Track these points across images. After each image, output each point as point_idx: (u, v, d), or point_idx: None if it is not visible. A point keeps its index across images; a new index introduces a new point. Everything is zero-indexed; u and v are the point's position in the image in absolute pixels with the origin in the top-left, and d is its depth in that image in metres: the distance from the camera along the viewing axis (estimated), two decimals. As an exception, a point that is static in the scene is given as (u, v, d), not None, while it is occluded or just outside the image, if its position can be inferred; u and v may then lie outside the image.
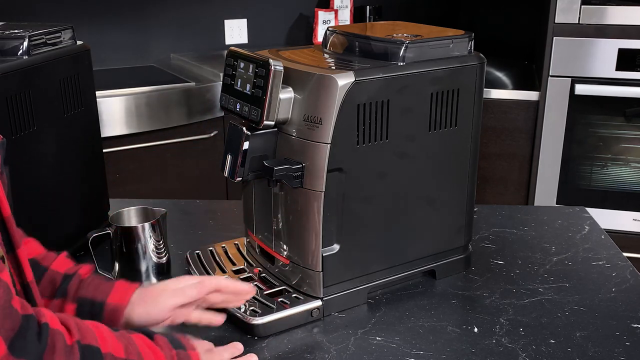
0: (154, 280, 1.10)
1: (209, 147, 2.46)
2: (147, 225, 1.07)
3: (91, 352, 0.65)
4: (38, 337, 0.61)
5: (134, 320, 0.84)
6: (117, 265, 1.11)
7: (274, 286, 1.05)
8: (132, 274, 1.09)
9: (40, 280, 0.84)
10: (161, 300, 0.85)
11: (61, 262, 0.88)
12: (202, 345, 0.85)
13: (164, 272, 1.13)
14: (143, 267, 1.09)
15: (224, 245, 1.20)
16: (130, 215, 1.14)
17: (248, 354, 0.89)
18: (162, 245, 1.11)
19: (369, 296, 1.06)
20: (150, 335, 0.75)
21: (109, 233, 1.08)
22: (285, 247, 1.04)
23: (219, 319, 0.93)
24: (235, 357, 0.89)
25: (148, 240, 1.07)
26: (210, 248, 1.19)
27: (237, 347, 0.90)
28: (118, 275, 1.10)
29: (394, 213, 1.04)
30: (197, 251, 1.18)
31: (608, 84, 2.27)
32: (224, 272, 1.11)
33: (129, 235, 1.07)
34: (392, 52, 0.99)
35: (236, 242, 1.21)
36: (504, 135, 2.45)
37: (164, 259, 1.12)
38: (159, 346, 0.73)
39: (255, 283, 1.06)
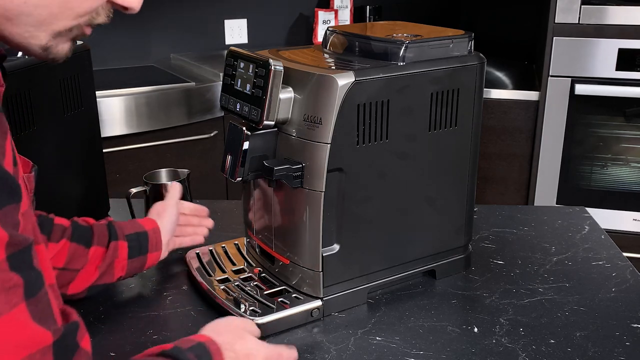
0: None
1: (209, 147, 2.46)
2: (175, 183, 1.22)
3: None
4: None
5: (167, 228, 1.09)
6: None
7: (274, 286, 1.05)
8: None
9: (93, 233, 1.02)
10: (169, 210, 1.12)
11: (88, 219, 1.06)
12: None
13: None
14: None
15: (224, 245, 1.20)
16: (162, 176, 1.31)
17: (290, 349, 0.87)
18: (186, 200, 1.23)
19: (369, 296, 1.06)
20: None
21: (145, 190, 1.25)
22: (285, 247, 1.04)
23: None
24: None
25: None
26: (210, 248, 1.19)
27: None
28: None
29: (394, 213, 1.04)
30: (197, 251, 1.18)
31: (608, 84, 2.27)
32: (223, 272, 1.11)
33: (160, 191, 1.22)
34: (392, 52, 0.99)
35: (236, 242, 1.21)
36: (504, 135, 2.45)
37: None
38: None
39: (255, 283, 1.07)
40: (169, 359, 0.71)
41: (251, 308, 0.98)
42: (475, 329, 0.98)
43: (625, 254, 1.22)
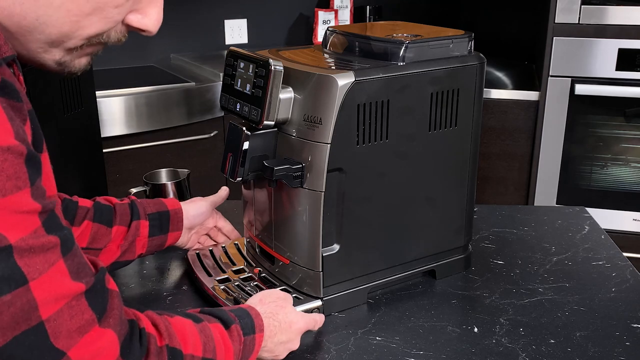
0: None
1: (209, 147, 2.46)
2: (174, 183, 1.27)
3: (175, 353, 0.71)
4: (140, 342, 0.68)
5: (190, 213, 1.13)
6: None
7: (274, 286, 1.05)
8: None
9: (115, 212, 1.05)
10: (200, 203, 1.17)
11: (111, 198, 1.09)
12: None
13: None
14: None
15: (223, 245, 1.20)
16: (162, 176, 1.34)
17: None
18: (186, 200, 1.23)
19: (369, 296, 1.06)
20: (228, 324, 0.80)
21: (145, 190, 1.27)
22: (285, 247, 1.04)
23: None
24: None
25: (175, 195, 1.28)
26: (210, 248, 1.19)
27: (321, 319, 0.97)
28: None
29: (394, 213, 1.04)
30: (197, 251, 1.18)
31: (608, 84, 2.27)
32: (223, 272, 1.11)
33: (160, 191, 1.26)
34: (392, 52, 0.99)
35: (236, 242, 1.21)
36: (504, 135, 2.45)
37: None
38: (232, 338, 0.79)
39: (255, 283, 1.07)
40: (209, 315, 0.80)
41: (251, 308, 0.98)
42: (475, 329, 0.98)
43: (625, 254, 1.22)
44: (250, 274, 1.10)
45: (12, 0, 0.61)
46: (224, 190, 1.23)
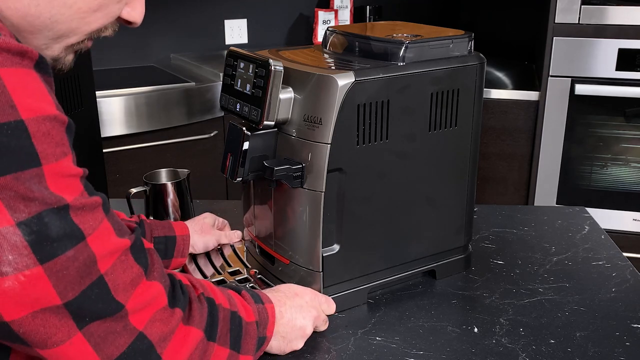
0: None
1: (209, 147, 2.46)
2: (174, 183, 1.27)
3: (211, 302, 0.78)
4: (182, 291, 0.74)
5: (197, 246, 1.15)
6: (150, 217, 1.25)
7: (270, 287, 1.05)
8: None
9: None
10: (209, 237, 1.17)
11: (119, 213, 1.05)
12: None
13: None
14: (172, 216, 1.28)
15: (220, 246, 1.20)
16: (162, 176, 1.34)
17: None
18: (186, 200, 1.29)
19: (369, 296, 1.06)
20: (239, 291, 0.86)
21: (145, 190, 1.27)
22: (285, 247, 1.04)
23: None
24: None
25: (174, 195, 1.28)
26: (209, 249, 1.19)
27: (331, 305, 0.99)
28: None
29: (394, 213, 1.04)
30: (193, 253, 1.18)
31: (608, 84, 2.27)
32: (219, 273, 1.11)
33: (160, 191, 1.27)
34: (392, 52, 0.99)
35: (232, 244, 1.21)
36: (504, 135, 2.45)
37: (188, 209, 1.30)
38: (247, 301, 0.85)
39: (252, 285, 1.07)
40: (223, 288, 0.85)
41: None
42: (475, 329, 0.98)
43: (625, 254, 1.22)
44: (246, 276, 1.10)
45: (28, 2, 0.64)
46: (236, 236, 1.22)
